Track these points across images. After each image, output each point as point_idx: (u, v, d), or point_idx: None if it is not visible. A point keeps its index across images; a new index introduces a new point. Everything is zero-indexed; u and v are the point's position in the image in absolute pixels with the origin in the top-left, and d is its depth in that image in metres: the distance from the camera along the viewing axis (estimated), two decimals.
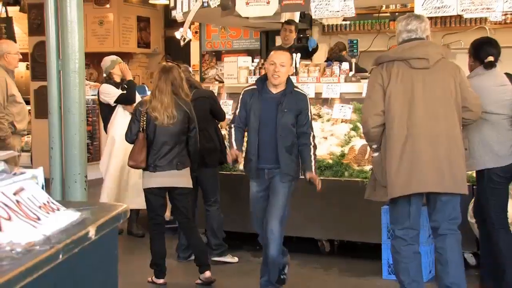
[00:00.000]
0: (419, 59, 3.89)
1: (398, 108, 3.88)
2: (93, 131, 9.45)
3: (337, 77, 6.18)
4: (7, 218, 1.61)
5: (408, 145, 3.84)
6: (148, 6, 12.08)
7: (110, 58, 6.19)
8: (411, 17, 4.09)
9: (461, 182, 3.90)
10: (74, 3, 4.00)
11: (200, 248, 4.87)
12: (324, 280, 5.06)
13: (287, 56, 4.60)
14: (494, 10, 5.02)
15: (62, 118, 4.13)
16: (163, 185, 4.73)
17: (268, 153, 4.51)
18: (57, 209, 1.85)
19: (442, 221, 3.97)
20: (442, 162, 3.82)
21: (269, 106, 4.53)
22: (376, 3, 8.03)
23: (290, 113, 4.49)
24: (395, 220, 4.05)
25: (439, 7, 5.12)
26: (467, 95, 3.94)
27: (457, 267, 3.95)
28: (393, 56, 4.02)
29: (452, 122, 3.88)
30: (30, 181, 1.87)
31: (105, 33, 12.16)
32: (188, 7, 6.42)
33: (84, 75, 4.21)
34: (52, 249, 1.57)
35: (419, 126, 3.84)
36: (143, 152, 4.65)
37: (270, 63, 4.52)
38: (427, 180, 3.83)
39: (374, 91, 3.99)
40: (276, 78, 4.49)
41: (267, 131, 4.51)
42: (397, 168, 3.84)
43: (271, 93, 4.58)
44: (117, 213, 2.01)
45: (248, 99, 4.57)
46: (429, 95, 3.87)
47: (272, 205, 4.50)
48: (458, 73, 3.95)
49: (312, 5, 5.59)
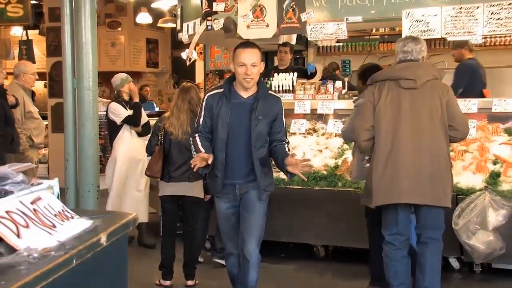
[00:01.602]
0: (408, 79, 3.91)
1: (385, 124, 3.91)
2: (105, 144, 9.42)
3: (331, 94, 6.20)
4: (25, 226, 1.61)
5: (391, 158, 3.87)
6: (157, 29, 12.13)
7: (120, 76, 6.09)
8: (408, 39, 4.11)
9: (442, 195, 3.85)
10: (88, 26, 4.02)
11: (193, 258, 4.87)
12: (319, 283, 5.03)
13: (257, 53, 3.72)
14: (475, 33, 5.04)
15: (76, 132, 4.14)
16: (175, 193, 4.75)
17: (238, 167, 3.75)
18: (71, 217, 1.85)
19: (424, 229, 3.96)
20: (423, 176, 3.81)
21: (239, 112, 3.72)
22: (367, 26, 8.06)
23: (265, 120, 3.72)
24: (385, 226, 4.05)
25: (425, 30, 5.14)
26: (454, 114, 3.91)
27: (433, 273, 3.95)
28: (385, 76, 4.05)
29: (436, 138, 3.86)
30: (46, 191, 1.87)
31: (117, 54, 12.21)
32: (194, 30, 6.45)
33: (97, 93, 4.22)
34: (66, 255, 1.57)
35: (403, 141, 3.86)
36: (159, 163, 4.72)
37: (239, 64, 3.68)
38: (406, 192, 3.83)
39: (365, 108, 4.02)
40: (249, 82, 3.68)
41: (238, 142, 3.72)
42: (379, 179, 3.89)
43: (241, 97, 3.76)
44: (126, 221, 2.01)
45: (213, 105, 3.75)
46: (415, 113, 3.87)
47: (250, 224, 3.78)
48: (446, 93, 3.92)
49: (308, 28, 5.61)
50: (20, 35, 11.37)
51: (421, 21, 5.15)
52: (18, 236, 1.56)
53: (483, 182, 4.94)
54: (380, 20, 5.64)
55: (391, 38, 8.93)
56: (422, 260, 3.96)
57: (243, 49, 3.73)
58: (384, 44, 9.06)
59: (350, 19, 5.50)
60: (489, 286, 4.87)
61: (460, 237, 4.74)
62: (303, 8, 5.63)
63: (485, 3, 4.92)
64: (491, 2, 4.90)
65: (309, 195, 5.31)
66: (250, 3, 5.76)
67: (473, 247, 4.71)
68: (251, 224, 3.78)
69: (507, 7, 4.83)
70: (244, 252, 3.75)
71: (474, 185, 4.93)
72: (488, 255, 4.73)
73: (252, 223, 3.78)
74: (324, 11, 5.57)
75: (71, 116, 4.15)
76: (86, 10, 4.00)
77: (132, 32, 12.30)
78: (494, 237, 4.67)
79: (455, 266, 5.11)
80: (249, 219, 3.78)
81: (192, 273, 4.85)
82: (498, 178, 4.92)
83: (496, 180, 4.89)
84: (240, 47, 3.77)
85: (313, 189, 5.33)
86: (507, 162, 5.07)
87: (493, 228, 4.64)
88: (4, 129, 5.39)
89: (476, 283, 4.95)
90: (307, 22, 5.62)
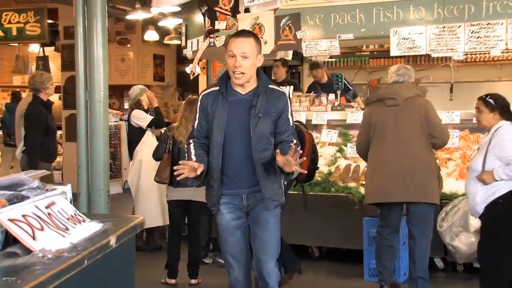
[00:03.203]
0: (390, 98, 4.24)
1: (375, 138, 4.26)
2: (115, 152, 9.44)
3: (324, 106, 6.20)
4: (40, 229, 1.61)
5: (380, 166, 4.21)
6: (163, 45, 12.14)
7: (138, 87, 6.10)
8: (401, 66, 4.50)
9: (424, 193, 4.08)
10: (100, 43, 4.03)
11: (196, 260, 4.86)
12: (314, 282, 5.02)
13: (251, 43, 2.97)
14: (457, 50, 5.06)
15: (88, 141, 4.13)
16: (182, 198, 4.74)
17: (241, 174, 3.05)
18: (83, 221, 1.84)
19: (412, 225, 4.20)
20: (406, 177, 4.07)
21: (237, 111, 3.01)
22: (358, 43, 8.08)
23: (267, 118, 3.01)
24: (379, 217, 4.38)
25: (411, 47, 5.15)
26: (432, 124, 4.18)
27: (423, 264, 4.18)
28: (375, 98, 4.43)
29: (417, 145, 4.13)
30: (60, 196, 1.87)
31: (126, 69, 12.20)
32: (197, 47, 6.46)
33: (107, 105, 4.23)
34: (78, 256, 1.57)
35: (390, 151, 4.17)
36: (167, 170, 4.70)
37: (228, 54, 2.97)
38: (393, 192, 4.15)
39: (363, 129, 4.42)
40: (238, 78, 2.95)
41: (238, 145, 3.02)
42: (369, 182, 4.31)
43: (238, 94, 3.04)
44: (134, 224, 2.00)
45: (208, 105, 3.05)
46: (398, 126, 4.17)
47: (265, 243, 3.10)
48: (424, 106, 4.21)
49: (303, 44, 5.62)
50: (37, 51, 11.39)
51: (408, 38, 5.17)
52: (33, 238, 1.56)
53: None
54: (370, 37, 5.66)
55: (380, 54, 8.95)
56: (412, 253, 4.21)
57: (235, 37, 3.01)
58: (373, 59, 9.07)
59: (342, 37, 5.52)
60: (470, 283, 4.85)
61: (444, 238, 4.74)
62: (299, 26, 5.64)
63: (466, 22, 4.95)
64: (472, 21, 4.93)
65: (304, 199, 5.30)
66: (249, 22, 5.77)
67: (456, 248, 4.71)
68: (266, 242, 3.10)
69: (486, 26, 4.87)
70: (264, 274, 3.11)
71: (457, 191, 4.93)
72: (470, 255, 4.74)
73: (267, 240, 3.10)
74: (318, 29, 5.59)
75: (83, 126, 4.16)
76: (98, 28, 4.01)
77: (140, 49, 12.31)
78: (475, 238, 4.66)
79: (439, 265, 5.10)
80: (264, 237, 3.10)
81: (195, 272, 4.83)
82: None
83: None
84: (233, 35, 3.07)
85: (309, 194, 5.32)
86: None
87: (475, 230, 4.63)
88: (43, 138, 5.39)
89: (458, 281, 4.95)
90: (303, 39, 5.63)
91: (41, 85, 5.49)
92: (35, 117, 5.40)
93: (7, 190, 1.80)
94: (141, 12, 8.45)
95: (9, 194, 1.74)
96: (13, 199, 1.72)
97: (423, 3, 5.17)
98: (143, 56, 12.47)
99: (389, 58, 8.33)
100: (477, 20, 4.96)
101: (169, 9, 7.41)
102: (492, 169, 3.68)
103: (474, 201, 3.77)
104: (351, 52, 9.13)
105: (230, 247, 3.15)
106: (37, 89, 5.50)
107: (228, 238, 3.14)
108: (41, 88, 5.49)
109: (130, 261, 2.09)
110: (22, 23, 9.70)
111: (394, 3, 5.29)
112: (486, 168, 3.71)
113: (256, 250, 3.14)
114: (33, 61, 11.45)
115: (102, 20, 4.05)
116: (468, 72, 8.41)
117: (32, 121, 5.41)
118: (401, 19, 5.28)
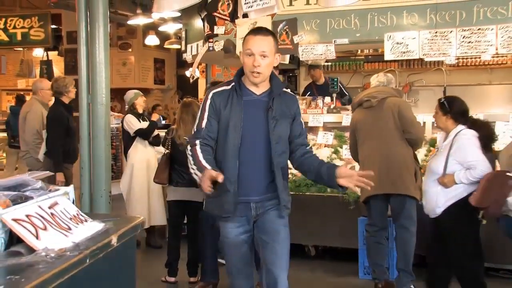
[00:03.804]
0: (366, 100, 4.47)
1: (359, 139, 4.50)
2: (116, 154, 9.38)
3: (320, 109, 6.20)
4: (43, 228, 1.61)
5: (365, 164, 4.37)
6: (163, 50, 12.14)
7: (133, 91, 6.13)
8: (382, 74, 4.74)
9: (398, 186, 4.23)
10: (102, 48, 4.02)
11: (195, 258, 4.84)
12: (310, 280, 5.02)
13: (269, 41, 2.74)
14: (449, 55, 5.08)
15: (91, 143, 4.12)
16: (182, 198, 4.73)
17: (254, 180, 2.77)
18: (85, 220, 1.84)
19: (395, 218, 4.36)
20: (382, 171, 4.20)
21: (253, 112, 2.77)
22: (353, 48, 8.08)
23: (284, 121, 2.81)
24: (367, 216, 4.58)
25: (405, 51, 5.17)
26: (406, 121, 4.30)
27: (406, 256, 4.28)
28: (356, 103, 4.62)
29: (392, 142, 4.30)
30: (62, 197, 1.87)
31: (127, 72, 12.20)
32: (197, 51, 6.46)
33: (109, 107, 4.21)
34: (80, 255, 1.56)
35: (370, 150, 4.39)
36: (165, 171, 4.73)
37: (246, 52, 2.73)
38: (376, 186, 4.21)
39: (350, 133, 4.68)
40: (257, 77, 2.73)
41: (253, 149, 2.75)
42: None
43: (253, 94, 2.80)
44: (135, 224, 2.00)
45: (221, 105, 2.76)
46: (375, 126, 4.38)
47: (276, 253, 2.81)
48: (397, 105, 4.38)
49: (300, 49, 5.64)
50: (41, 56, 11.38)
51: (401, 43, 5.18)
52: (37, 238, 1.55)
53: None
54: (364, 42, 5.68)
55: (374, 58, 8.95)
56: (397, 247, 4.36)
57: (253, 35, 2.75)
58: (368, 63, 9.07)
59: (337, 41, 5.53)
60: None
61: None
62: (295, 31, 5.65)
63: (457, 28, 4.97)
64: (463, 27, 4.95)
65: (301, 200, 5.30)
66: (247, 27, 5.77)
67: None
68: (277, 253, 2.81)
69: (477, 31, 4.89)
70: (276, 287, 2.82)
71: None
72: None
73: (279, 252, 2.82)
74: (314, 34, 5.60)
75: (86, 128, 4.15)
76: (100, 33, 4.01)
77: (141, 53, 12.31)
78: None
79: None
80: (275, 247, 2.81)
81: (195, 270, 4.82)
82: None
83: None
84: (251, 33, 2.80)
85: (305, 195, 5.33)
86: None
87: None
88: (65, 139, 5.42)
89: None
90: (299, 44, 5.64)
91: (64, 89, 5.58)
92: (57, 120, 5.45)
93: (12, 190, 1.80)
94: (142, 18, 8.46)
95: (13, 195, 1.74)
96: (17, 200, 1.72)
97: (416, 9, 5.18)
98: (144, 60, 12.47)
99: (383, 62, 8.32)
100: (468, 25, 4.98)
101: (170, 14, 7.41)
102: (453, 173, 3.70)
103: (434, 203, 3.78)
104: (346, 56, 9.13)
105: (235, 260, 2.88)
106: (60, 93, 5.59)
107: (235, 252, 2.86)
108: (64, 91, 5.58)
109: (131, 259, 2.08)
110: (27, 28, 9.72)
111: (388, 8, 5.31)
112: (447, 172, 3.72)
113: (267, 263, 2.82)
114: (37, 65, 11.45)
115: (104, 25, 4.05)
116: (460, 75, 8.42)
117: (54, 123, 5.45)
118: (395, 24, 5.30)
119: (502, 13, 4.96)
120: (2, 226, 1.53)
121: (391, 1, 5.31)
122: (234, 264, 2.89)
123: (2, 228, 1.54)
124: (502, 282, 4.73)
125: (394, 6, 5.31)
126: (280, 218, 2.84)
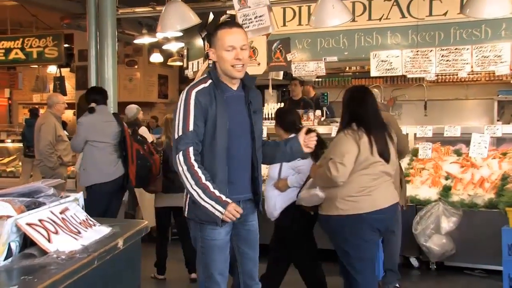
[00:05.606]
0: None
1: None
2: None
3: (312, 121, 6.21)
4: (55, 232, 1.60)
5: None
6: (167, 66, 12.15)
7: (135, 107, 6.08)
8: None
9: None
10: (110, 65, 4.04)
11: (192, 256, 4.80)
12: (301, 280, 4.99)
13: (244, 33, 2.49)
14: (429, 72, 5.12)
15: None
16: (172, 204, 4.68)
17: (242, 178, 2.50)
18: (93, 225, 1.84)
19: None
20: None
21: (236, 108, 2.47)
22: (341, 65, 8.14)
23: (260, 115, 2.59)
24: None
25: (389, 69, 5.21)
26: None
27: (393, 257, 4.24)
28: None
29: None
30: (73, 203, 1.86)
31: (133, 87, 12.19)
32: (197, 68, 6.48)
33: None
34: (89, 257, 1.56)
35: None
36: (160, 180, 4.70)
37: (227, 48, 2.41)
38: None
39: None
40: (240, 70, 2.44)
41: (239, 147, 2.45)
42: None
43: (231, 89, 2.49)
44: (140, 228, 2.00)
45: (206, 104, 2.38)
46: None
47: (254, 265, 2.60)
48: (386, 118, 4.21)
49: (292, 66, 5.67)
50: (54, 72, 11.38)
51: (386, 61, 5.22)
52: (48, 241, 1.55)
53: (437, 194, 4.95)
54: (352, 60, 5.74)
55: (361, 75, 9.01)
56: (384, 248, 4.25)
57: (229, 29, 2.44)
58: (355, 79, 9.12)
59: (327, 59, 5.58)
60: (443, 280, 4.85)
61: (418, 240, 4.74)
62: (289, 49, 5.68)
63: (437, 47, 5.02)
64: (442, 46, 5.00)
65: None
66: None
67: (430, 248, 4.71)
68: (255, 264, 2.58)
69: (454, 51, 4.95)
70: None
71: (430, 197, 4.94)
72: (442, 255, 4.75)
73: (256, 261, 2.59)
74: (306, 52, 5.64)
75: None
76: (108, 51, 4.03)
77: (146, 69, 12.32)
78: (446, 240, 4.68)
79: (414, 264, 5.09)
80: (254, 258, 2.57)
81: (194, 267, 4.78)
82: (450, 191, 4.94)
83: (448, 192, 4.92)
84: (224, 27, 2.46)
85: None
86: (456, 178, 5.09)
87: (446, 232, 4.65)
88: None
89: (432, 278, 4.93)
90: (292, 61, 5.67)
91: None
92: None
93: (26, 197, 1.79)
94: (147, 37, 8.50)
95: (27, 201, 1.73)
96: (31, 205, 1.72)
97: (399, 29, 5.23)
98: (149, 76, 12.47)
99: (369, 78, 8.36)
100: (447, 45, 5.03)
101: (173, 34, 7.44)
102: (287, 177, 3.69)
103: (273, 207, 3.74)
104: (335, 73, 9.18)
105: (220, 265, 2.47)
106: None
107: (220, 255, 2.47)
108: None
109: (136, 261, 2.07)
110: (42, 47, 9.75)
111: (374, 29, 5.36)
112: (281, 176, 3.71)
113: (244, 275, 2.56)
114: (51, 81, 11.44)
115: (112, 44, 4.07)
116: (439, 91, 8.47)
117: None
118: (380, 43, 5.34)
119: (476, 35, 5.02)
120: (17, 230, 1.53)
121: (376, 23, 5.36)
122: (220, 268, 2.46)
123: (17, 232, 1.53)
124: (478, 281, 4.72)
125: (379, 27, 5.36)
126: (256, 225, 2.59)
